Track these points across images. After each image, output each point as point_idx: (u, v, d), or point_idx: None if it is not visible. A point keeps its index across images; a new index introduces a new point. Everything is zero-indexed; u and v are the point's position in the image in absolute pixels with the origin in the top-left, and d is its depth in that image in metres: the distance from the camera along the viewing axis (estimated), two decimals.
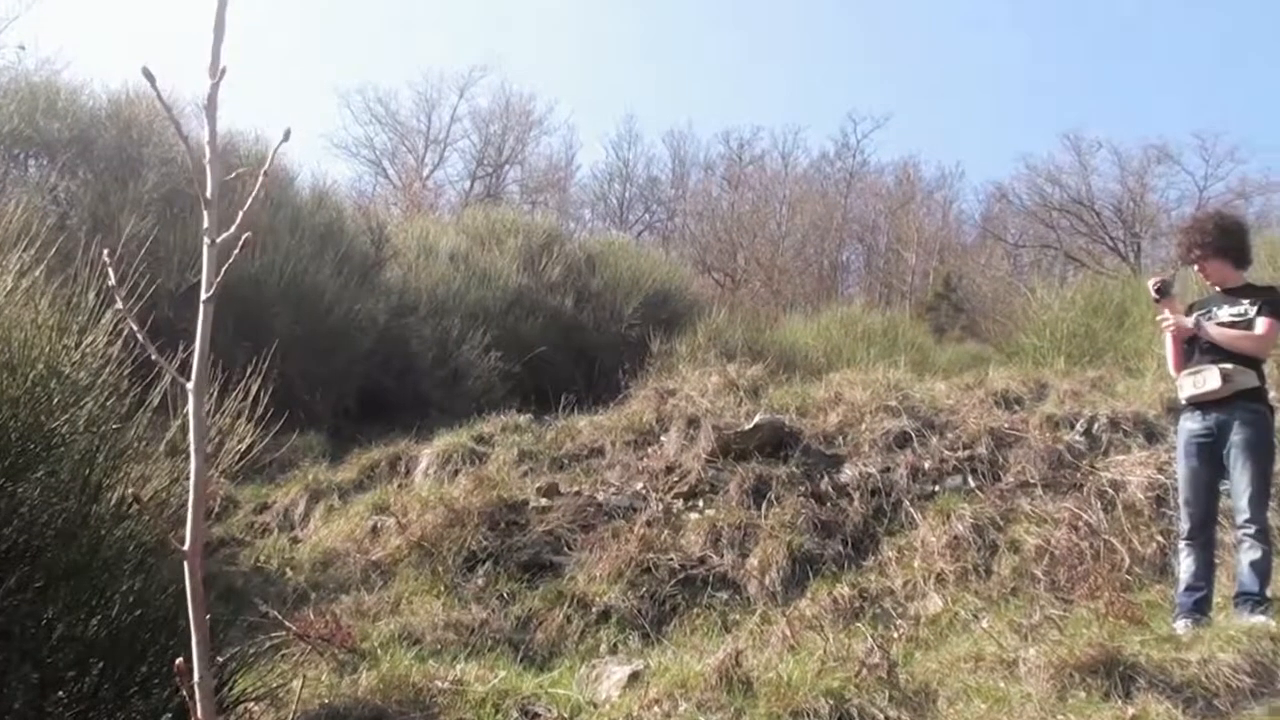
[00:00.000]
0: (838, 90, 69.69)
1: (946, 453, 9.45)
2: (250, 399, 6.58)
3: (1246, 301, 7.25)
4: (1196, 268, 7.54)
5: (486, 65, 52.11)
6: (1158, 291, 7.35)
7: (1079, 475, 9.00)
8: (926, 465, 9.36)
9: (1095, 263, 33.84)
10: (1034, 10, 69.29)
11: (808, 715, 5.47)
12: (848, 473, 9.45)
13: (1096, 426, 9.52)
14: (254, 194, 1.87)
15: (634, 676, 6.42)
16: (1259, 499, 6.88)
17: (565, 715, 6.17)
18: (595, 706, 6.20)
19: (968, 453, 9.43)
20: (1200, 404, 7.10)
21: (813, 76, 68.26)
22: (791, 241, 36.13)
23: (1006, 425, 9.65)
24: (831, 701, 5.53)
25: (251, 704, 5.69)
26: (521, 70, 78.97)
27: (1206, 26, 66.91)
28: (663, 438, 10.47)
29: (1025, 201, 39.79)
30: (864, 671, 5.78)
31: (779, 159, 44.39)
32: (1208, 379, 7.04)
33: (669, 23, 71.92)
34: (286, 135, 2.47)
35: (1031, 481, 8.99)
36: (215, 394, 6.26)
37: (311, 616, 7.66)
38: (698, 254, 33.41)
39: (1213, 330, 7.15)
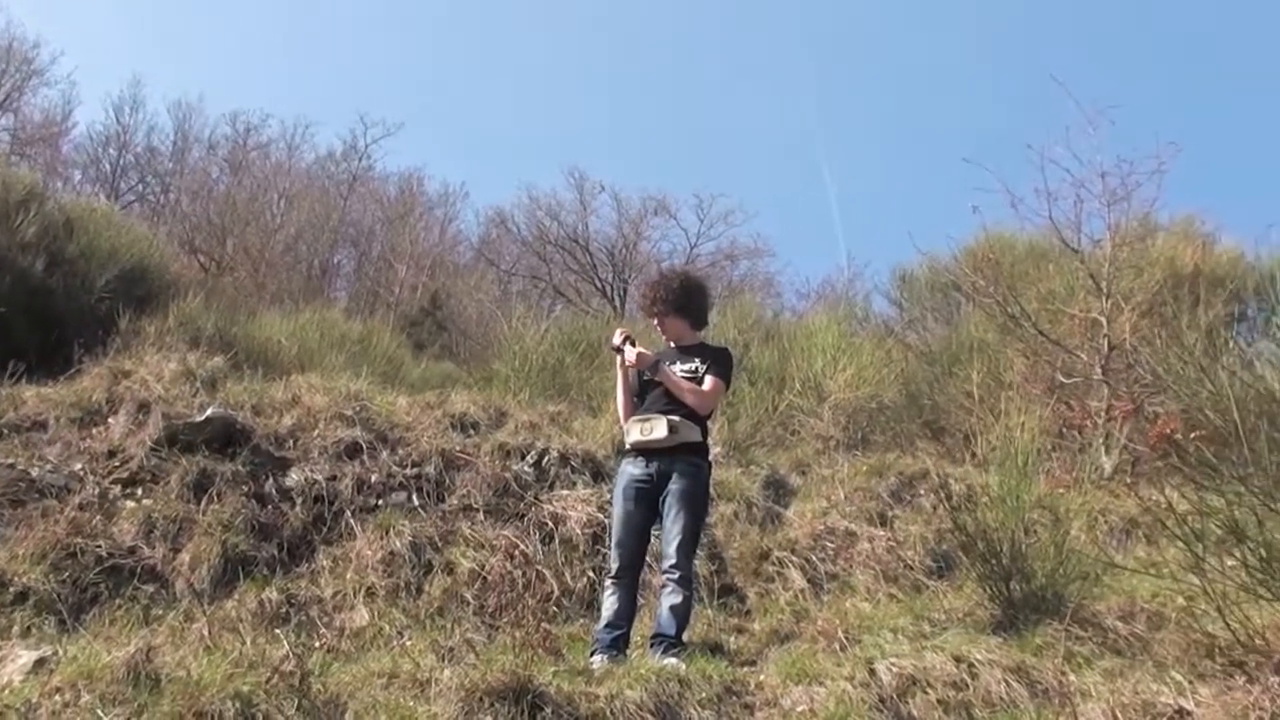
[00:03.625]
0: (354, 90, 68.96)
1: (395, 468, 9.39)
2: None
3: (698, 359, 7.59)
4: (657, 321, 7.81)
5: None
6: (627, 341, 7.57)
7: (523, 505, 9.16)
8: (374, 478, 9.27)
9: (582, 301, 34.61)
10: (565, 45, 70.49)
11: (212, 716, 5.29)
12: (294, 477, 9.24)
13: (546, 460, 9.72)
14: None
15: (40, 662, 6.10)
16: (687, 547, 7.18)
17: None
18: None
19: (416, 470, 9.40)
20: (645, 451, 7.36)
21: (334, 72, 67.30)
22: (285, 235, 35.33)
23: (459, 448, 9.69)
24: (239, 704, 5.36)
25: None
26: (27, 14, 74.61)
27: (723, 94, 69.62)
28: (110, 419, 9.98)
29: (523, 231, 40.39)
30: (276, 678, 5.66)
31: (285, 150, 43.68)
32: (655, 428, 7.31)
33: None
34: None
35: (475, 506, 9.07)
36: None
37: None
38: (186, 234, 32.24)
39: (669, 375, 7.42)
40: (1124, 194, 13.39)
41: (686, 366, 7.59)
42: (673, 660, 6.65)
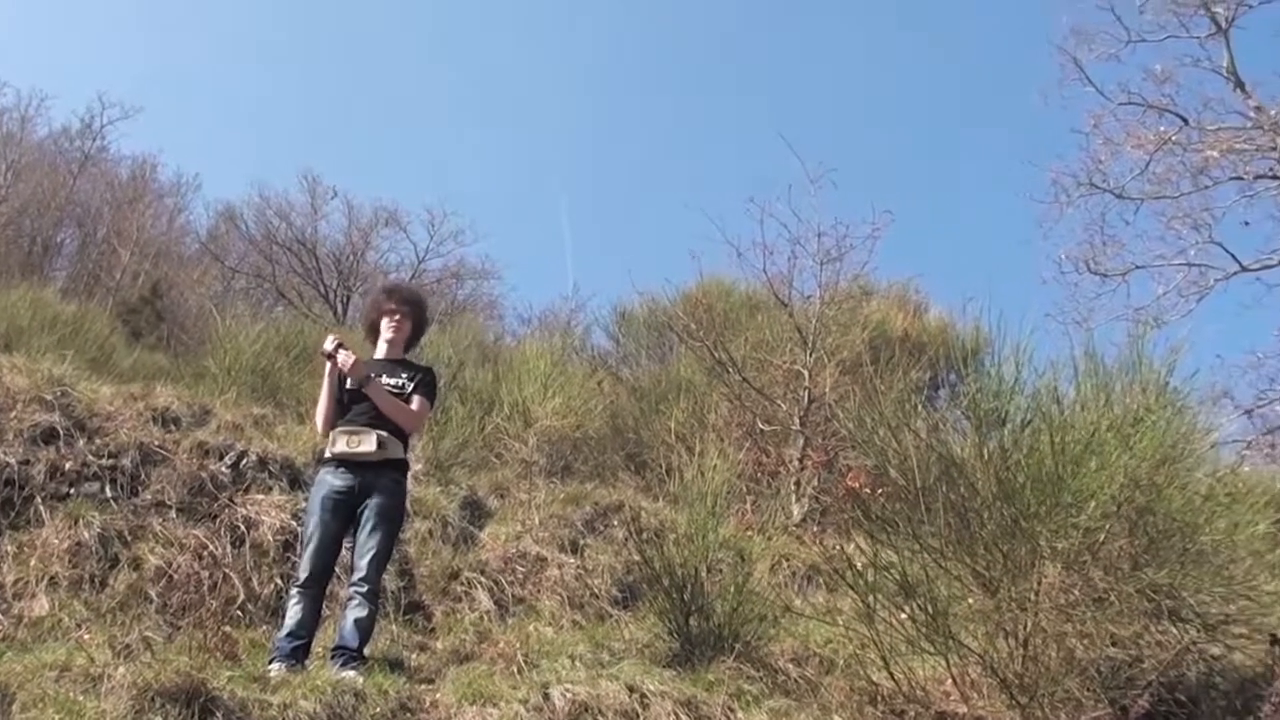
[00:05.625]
0: (95, 68, 66.89)
1: (91, 458, 9.10)
2: None
3: (405, 376, 7.67)
4: (393, 321, 7.88)
5: None
6: (339, 347, 7.60)
7: (216, 506, 9.02)
8: (68, 466, 8.97)
9: (305, 305, 34.17)
10: (313, 43, 69.50)
11: None
12: None
13: (245, 462, 9.57)
14: None
15: None
16: (380, 562, 7.27)
17: None
18: None
19: (113, 462, 9.13)
20: (348, 462, 7.40)
21: (75, 47, 65.18)
22: (8, 209, 34.25)
23: (158, 443, 9.48)
24: None
25: None
26: None
27: (466, 110, 69.47)
28: None
29: (251, 229, 39.65)
30: None
31: (18, 121, 42.22)
32: (364, 442, 7.37)
33: None
34: None
35: (168, 503, 8.90)
36: None
37: None
38: None
39: (380, 391, 7.49)
40: (837, 254, 13.94)
41: (393, 381, 7.68)
42: (351, 673, 6.69)
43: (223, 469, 9.44)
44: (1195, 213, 21.22)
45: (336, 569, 7.62)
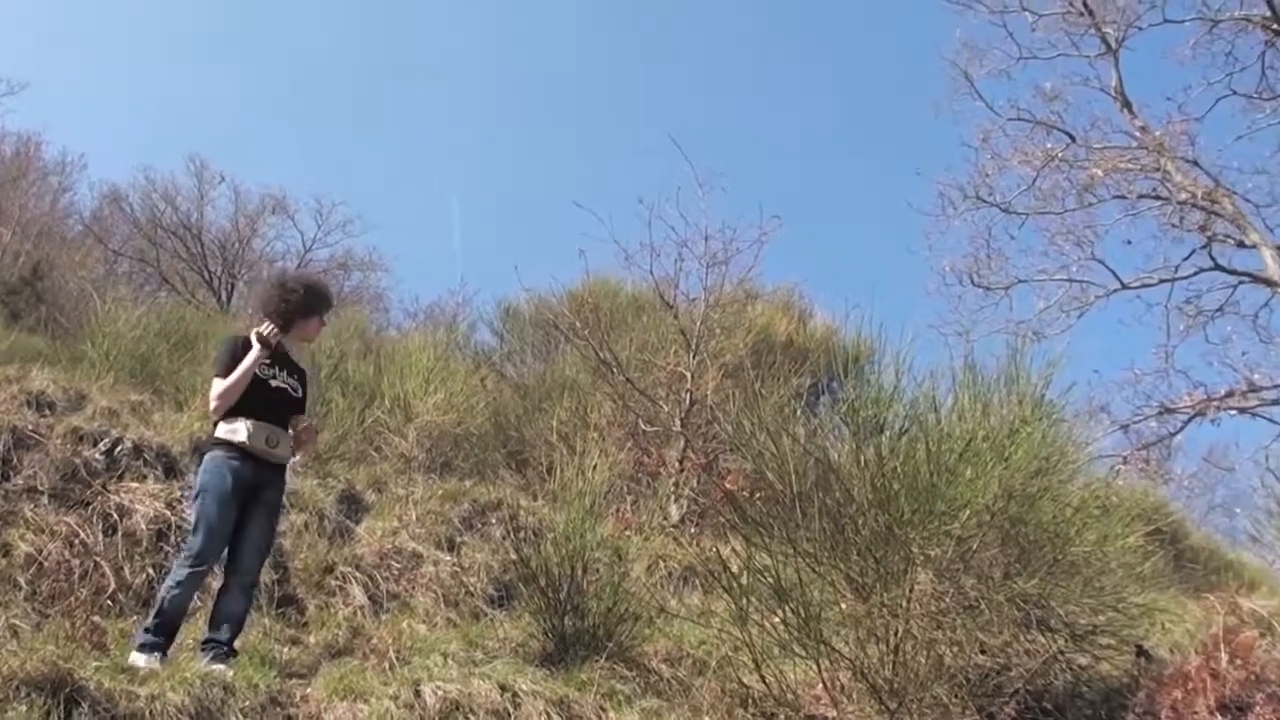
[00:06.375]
0: None
1: None
2: None
3: (296, 378, 7.65)
4: (311, 319, 7.84)
5: None
6: (273, 340, 7.49)
7: (90, 493, 8.85)
8: None
9: (188, 291, 33.69)
10: (211, 21, 68.63)
11: None
12: None
13: (120, 449, 9.40)
14: None
15: None
16: (264, 557, 7.35)
17: None
18: None
19: None
20: (254, 456, 7.30)
21: None
22: None
23: (31, 427, 9.30)
24: None
25: None
26: None
27: (361, 101, 68.97)
28: None
29: (136, 212, 38.97)
30: None
31: None
32: (281, 443, 7.44)
33: None
34: None
35: (40, 489, 8.73)
36: None
37: None
38: None
39: (314, 438, 7.88)
40: (724, 258, 14.01)
41: (291, 382, 7.66)
42: (220, 666, 6.64)
43: (97, 455, 9.28)
44: (1079, 229, 21.54)
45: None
